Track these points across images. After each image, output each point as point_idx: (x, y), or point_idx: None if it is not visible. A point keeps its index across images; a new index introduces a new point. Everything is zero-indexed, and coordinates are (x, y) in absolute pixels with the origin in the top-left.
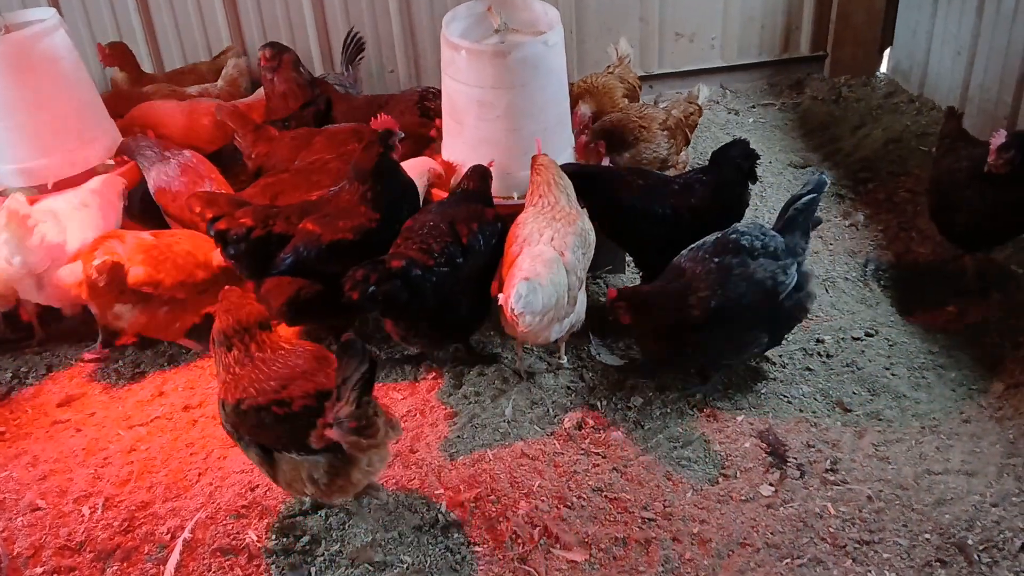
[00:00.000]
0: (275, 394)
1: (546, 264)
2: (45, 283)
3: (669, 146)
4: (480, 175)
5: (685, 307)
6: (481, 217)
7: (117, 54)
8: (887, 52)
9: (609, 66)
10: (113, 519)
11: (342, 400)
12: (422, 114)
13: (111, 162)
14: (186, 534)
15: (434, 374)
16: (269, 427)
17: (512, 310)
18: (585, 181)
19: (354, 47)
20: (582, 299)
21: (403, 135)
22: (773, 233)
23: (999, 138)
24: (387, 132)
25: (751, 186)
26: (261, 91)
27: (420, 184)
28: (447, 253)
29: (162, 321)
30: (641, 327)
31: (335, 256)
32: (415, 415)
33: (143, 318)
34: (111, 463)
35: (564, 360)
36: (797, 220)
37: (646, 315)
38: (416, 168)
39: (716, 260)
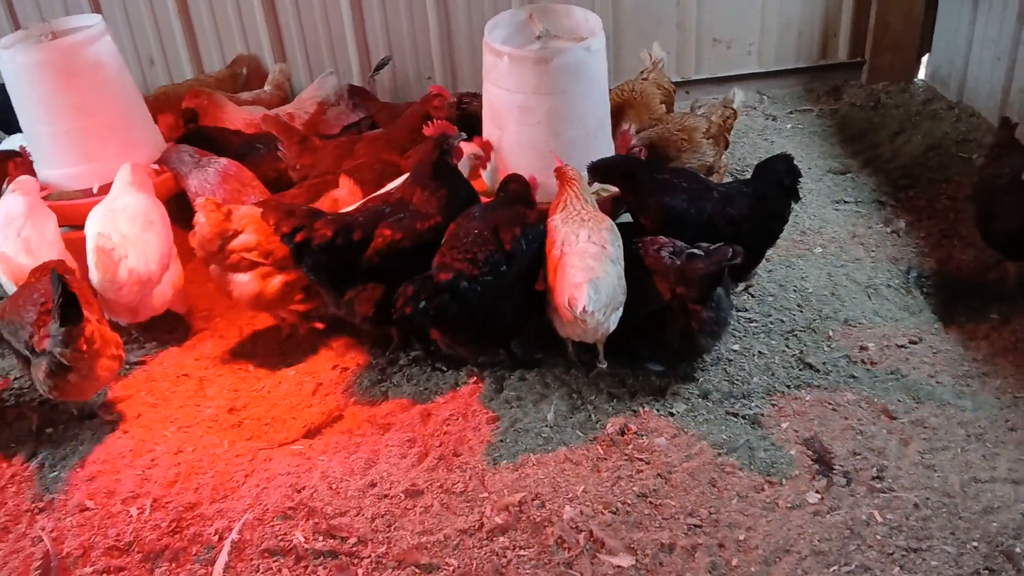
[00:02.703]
0: (15, 314)
1: (596, 259)
2: (138, 308)
3: (714, 152)
4: (521, 178)
5: None
6: (524, 221)
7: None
8: (925, 58)
9: (643, 71)
10: (161, 520)
11: (51, 317)
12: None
13: (155, 166)
14: (234, 535)
15: (475, 379)
16: (13, 335)
17: (582, 311)
18: (628, 174)
19: (380, 66)
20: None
21: (464, 135)
22: None
23: None
24: (443, 136)
25: (794, 204)
26: (301, 96)
27: (464, 170)
28: (491, 261)
29: (272, 293)
30: None
31: (417, 256)
32: (457, 419)
33: (255, 288)
34: (158, 464)
35: (604, 364)
36: None
37: None
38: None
39: None
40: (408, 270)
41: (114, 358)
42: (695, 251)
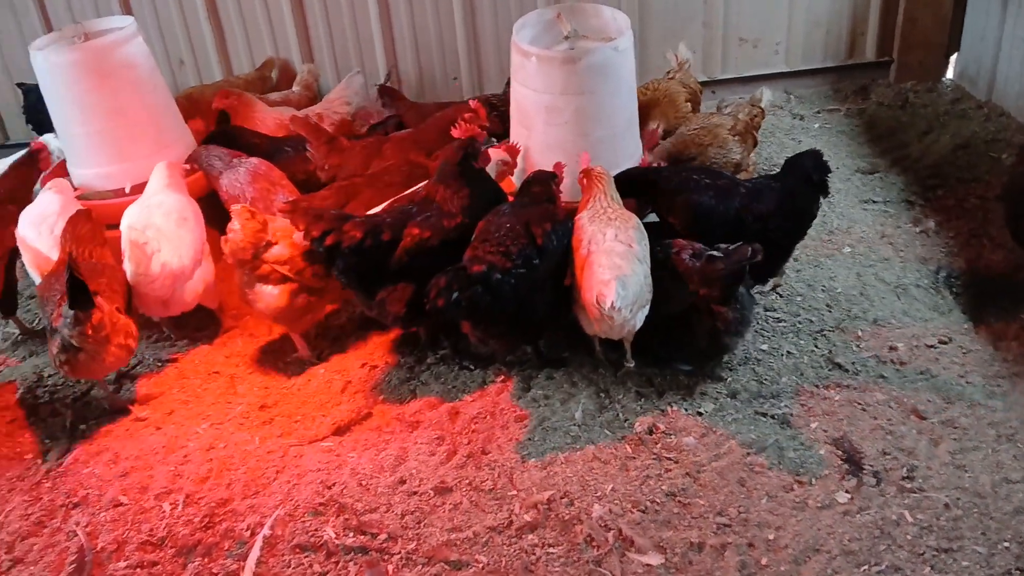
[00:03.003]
0: (45, 292)
1: (623, 257)
2: (170, 302)
3: (741, 150)
4: (546, 177)
5: None
6: (554, 217)
7: None
8: (954, 57)
9: (669, 71)
10: (193, 515)
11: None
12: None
13: (187, 166)
14: (265, 531)
15: (503, 377)
16: (42, 309)
17: (610, 307)
18: (649, 184)
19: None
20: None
21: (493, 140)
22: None
23: None
24: (469, 139)
25: (823, 199)
26: (329, 97)
27: (492, 175)
28: (524, 255)
29: (296, 310)
30: None
31: (445, 254)
32: (485, 417)
33: (281, 302)
34: (190, 460)
35: (631, 364)
36: None
37: None
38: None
39: None
40: (437, 268)
41: (122, 347)
42: (715, 252)
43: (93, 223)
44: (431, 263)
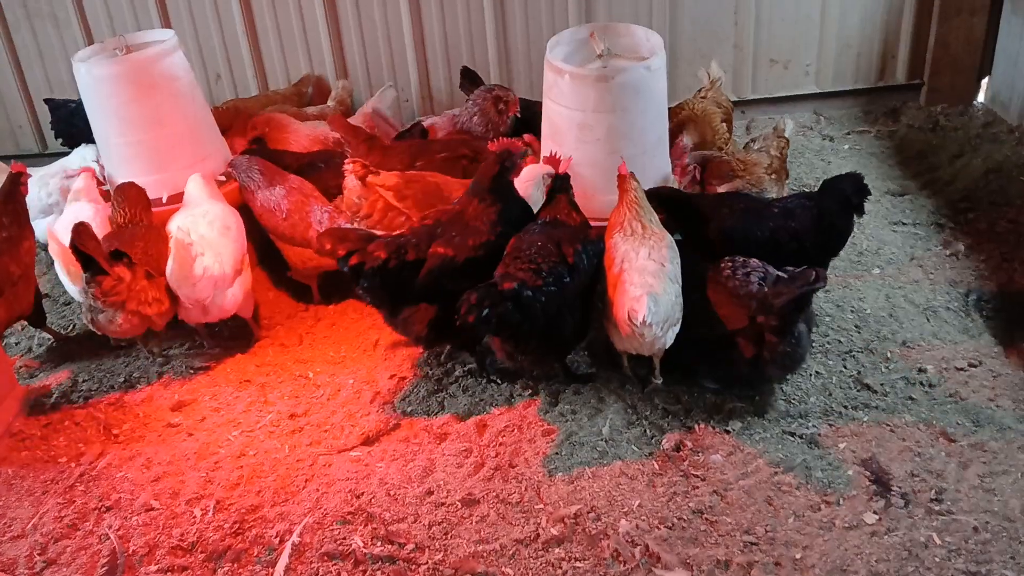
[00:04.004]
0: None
1: (655, 276)
2: (210, 307)
3: (776, 188)
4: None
5: None
6: (585, 236)
7: None
8: (985, 81)
9: (700, 89)
10: (224, 521)
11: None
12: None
13: (222, 177)
14: (294, 538)
15: (530, 392)
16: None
17: (641, 323)
18: (680, 205)
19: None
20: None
21: (529, 150)
22: None
23: None
24: (506, 152)
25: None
26: (362, 109)
27: (533, 188)
28: (555, 273)
29: None
30: None
31: (469, 274)
32: (512, 430)
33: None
34: (221, 467)
35: (659, 381)
36: None
37: None
38: (531, 173)
39: None
40: (462, 287)
41: (135, 313)
42: (781, 274)
43: (141, 190)
44: (456, 282)
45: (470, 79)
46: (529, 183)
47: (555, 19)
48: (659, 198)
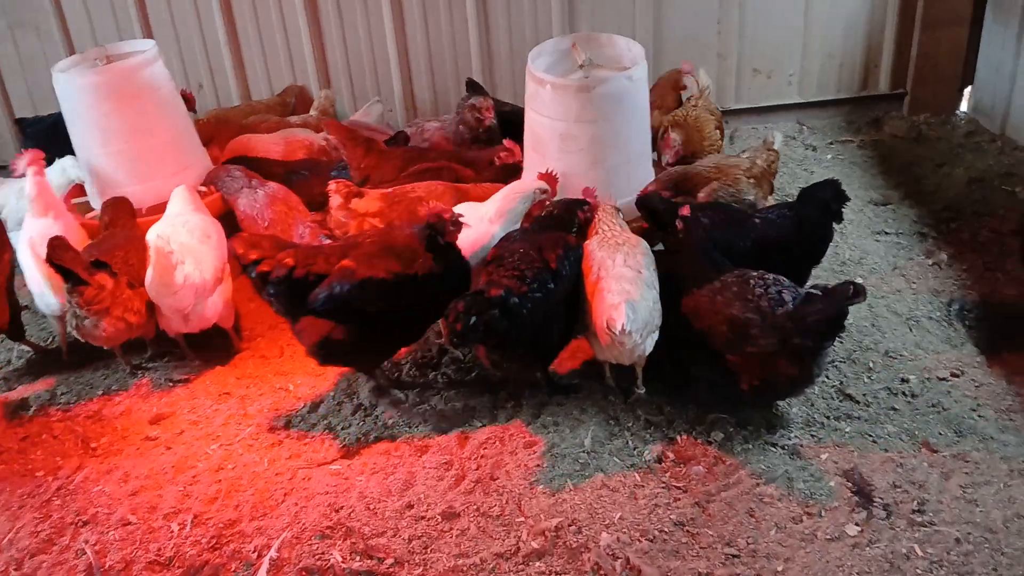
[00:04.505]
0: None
1: (632, 282)
2: (190, 316)
3: (755, 193)
4: (566, 207)
5: None
6: (566, 243)
7: None
8: (967, 91)
9: (690, 98)
10: (201, 536)
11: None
12: None
13: (203, 188)
14: (272, 553)
15: (512, 403)
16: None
17: (620, 331)
18: (664, 215)
19: None
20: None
21: (461, 217)
22: None
23: None
24: (438, 218)
25: (836, 225)
26: (349, 120)
27: (518, 201)
28: (539, 279)
29: None
30: None
31: (370, 295)
32: (494, 443)
33: None
34: (199, 481)
35: (642, 391)
36: None
37: None
38: (524, 188)
39: None
40: (365, 311)
41: (120, 319)
42: (813, 291)
43: (130, 203)
44: (355, 302)
45: (475, 90)
46: (516, 196)
47: (539, 29)
48: (646, 207)
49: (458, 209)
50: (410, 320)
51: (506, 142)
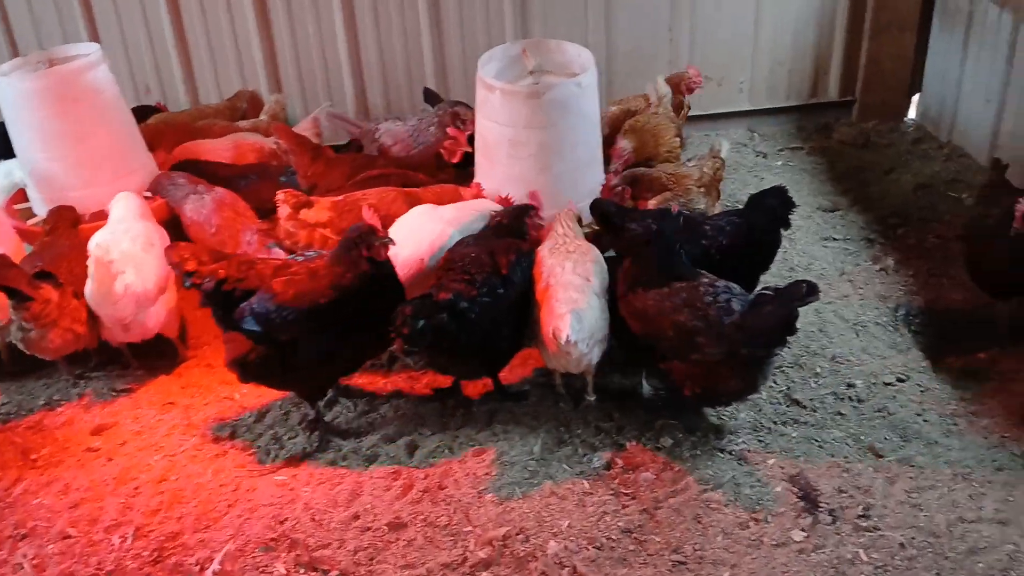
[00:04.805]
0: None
1: (580, 290)
2: (132, 326)
3: (706, 202)
4: (514, 216)
5: None
6: (518, 248)
7: None
8: (916, 98)
9: (650, 105)
10: (143, 549)
11: None
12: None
13: (148, 194)
14: (215, 566)
15: (462, 411)
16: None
17: (565, 341)
18: (616, 220)
19: None
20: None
21: (388, 240)
22: None
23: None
24: (369, 231)
25: (784, 231)
26: (299, 127)
27: (476, 218)
28: (489, 284)
29: None
30: None
31: (287, 321)
32: (443, 451)
33: None
34: (141, 493)
35: (592, 398)
36: None
37: None
38: (481, 208)
39: None
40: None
41: (67, 331)
42: (765, 292)
43: (74, 211)
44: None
45: (431, 100)
46: (472, 213)
47: (491, 34)
48: (600, 212)
49: (417, 211)
50: (340, 350)
51: (449, 130)
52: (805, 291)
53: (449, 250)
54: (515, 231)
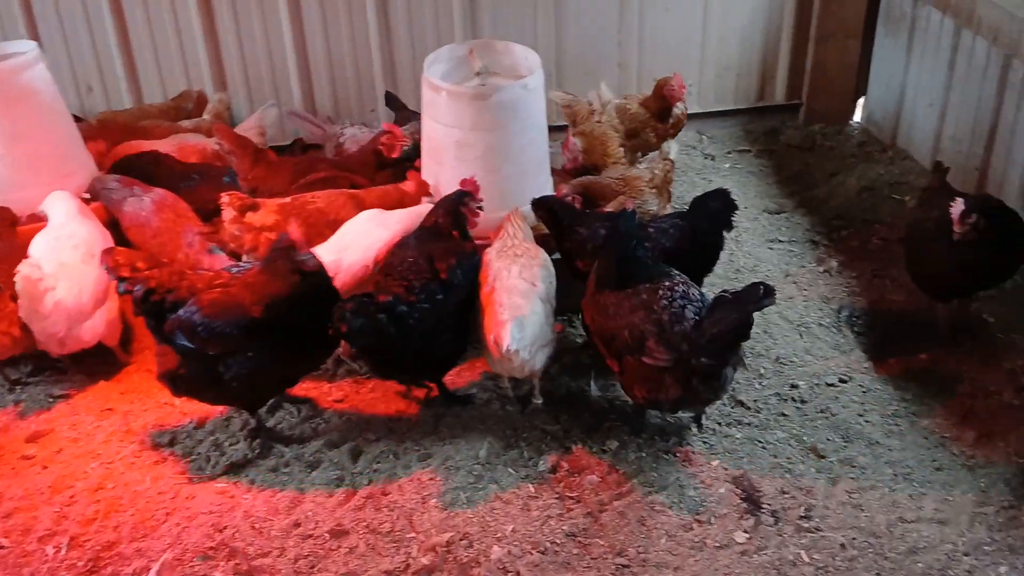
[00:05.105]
0: None
1: (524, 296)
2: (66, 340)
3: (658, 203)
4: (448, 211)
5: None
6: (460, 251)
7: None
8: (861, 102)
9: (594, 112)
10: (77, 559)
11: None
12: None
13: (86, 195)
14: (152, 575)
15: (409, 416)
16: None
17: (506, 349)
18: (562, 220)
19: None
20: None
21: (308, 257)
22: None
23: (957, 207)
24: (290, 246)
25: (727, 234)
26: (242, 126)
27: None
28: (428, 290)
29: None
30: None
31: (215, 335)
32: (388, 456)
33: None
34: (77, 501)
35: (539, 401)
36: None
37: None
38: (424, 213)
39: None
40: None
41: (5, 335)
42: (724, 295)
43: (11, 212)
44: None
45: (393, 104)
46: (420, 218)
47: (440, 35)
48: (543, 208)
49: (364, 216)
50: (274, 364)
51: (384, 125)
52: (763, 293)
53: (389, 253)
54: (453, 225)
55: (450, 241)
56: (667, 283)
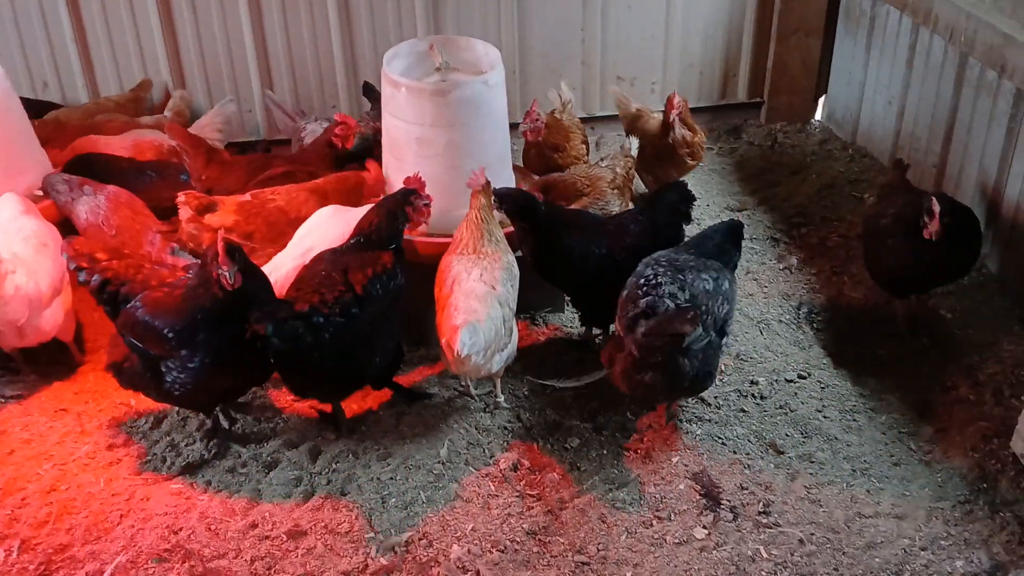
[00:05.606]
0: None
1: (481, 300)
2: (26, 330)
3: (620, 203)
4: (389, 215)
5: None
6: (378, 263)
7: None
8: (822, 100)
9: (553, 111)
10: (29, 562)
11: None
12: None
13: (39, 193)
14: None
15: (370, 415)
16: None
17: (457, 354)
18: (521, 214)
19: None
20: (515, 330)
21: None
22: None
23: (936, 206)
24: (213, 258)
25: (686, 227)
26: (200, 123)
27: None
28: (341, 303)
29: None
30: None
31: (151, 335)
32: (347, 456)
33: None
34: (29, 503)
35: (501, 399)
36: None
37: None
38: (347, 220)
39: None
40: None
41: None
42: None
43: None
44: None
45: (371, 94)
46: (345, 227)
47: (403, 30)
48: (512, 202)
49: (324, 213)
50: (212, 372)
51: (337, 116)
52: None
53: (305, 265)
54: (390, 227)
55: (370, 253)
56: (650, 271)
